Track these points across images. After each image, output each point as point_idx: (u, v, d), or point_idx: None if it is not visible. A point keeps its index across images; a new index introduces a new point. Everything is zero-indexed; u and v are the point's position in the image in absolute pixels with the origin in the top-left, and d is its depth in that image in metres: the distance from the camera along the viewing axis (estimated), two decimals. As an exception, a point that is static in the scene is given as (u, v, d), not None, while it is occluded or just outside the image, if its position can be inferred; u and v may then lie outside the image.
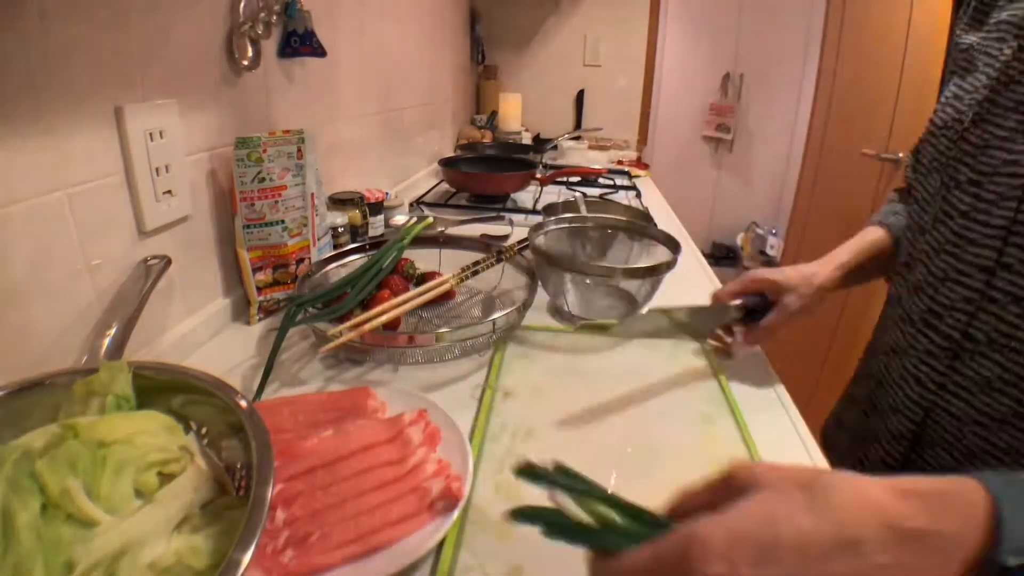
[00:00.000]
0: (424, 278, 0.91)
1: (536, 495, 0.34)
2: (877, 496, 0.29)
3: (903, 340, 0.70)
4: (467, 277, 0.86)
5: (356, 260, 0.95)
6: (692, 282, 1.10)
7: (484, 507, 0.54)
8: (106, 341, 0.59)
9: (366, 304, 0.82)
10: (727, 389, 0.72)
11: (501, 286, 0.97)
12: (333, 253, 0.94)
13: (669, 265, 0.85)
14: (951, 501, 0.29)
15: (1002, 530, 0.27)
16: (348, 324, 0.70)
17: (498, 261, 0.90)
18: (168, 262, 0.70)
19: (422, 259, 0.97)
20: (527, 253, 0.93)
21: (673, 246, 0.91)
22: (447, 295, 0.89)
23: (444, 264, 0.97)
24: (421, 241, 0.99)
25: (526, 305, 0.82)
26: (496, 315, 0.76)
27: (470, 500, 0.54)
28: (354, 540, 0.48)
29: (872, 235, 0.82)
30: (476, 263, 0.88)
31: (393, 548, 0.48)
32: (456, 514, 0.51)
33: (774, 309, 0.74)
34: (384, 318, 0.72)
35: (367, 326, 0.70)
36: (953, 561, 0.28)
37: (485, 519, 0.52)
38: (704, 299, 0.80)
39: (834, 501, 0.29)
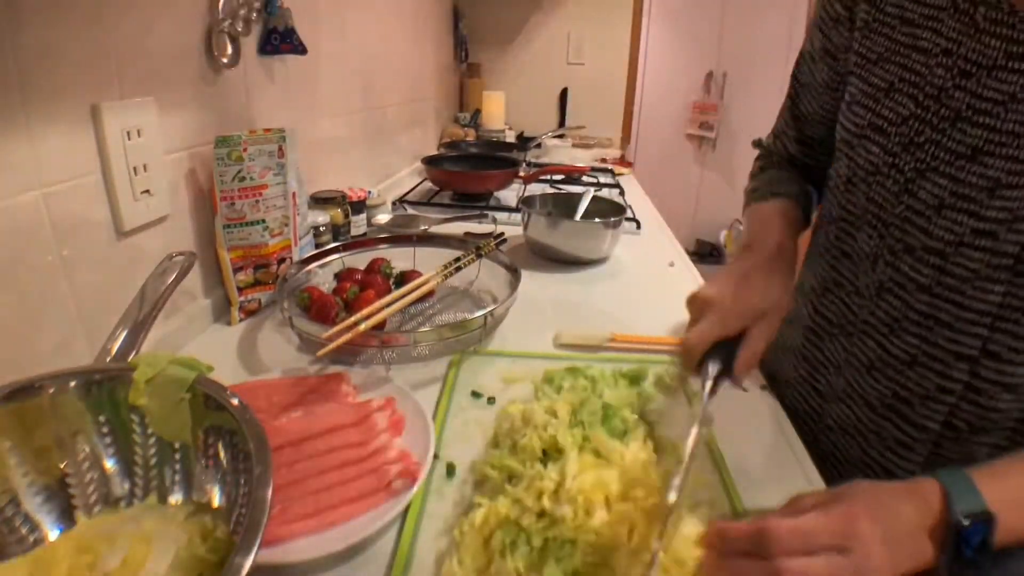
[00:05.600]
0: (404, 276, 0.92)
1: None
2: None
3: (859, 423, 0.62)
4: (451, 274, 0.86)
5: (335, 260, 0.95)
6: (675, 282, 1.11)
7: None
8: (119, 340, 0.56)
9: (350, 306, 0.82)
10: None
11: (479, 282, 0.98)
12: (314, 252, 0.93)
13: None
14: (915, 487, 0.42)
15: (951, 499, 0.40)
16: (339, 327, 0.69)
17: (478, 257, 0.91)
18: (193, 258, 0.67)
19: (396, 258, 0.97)
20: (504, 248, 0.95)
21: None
22: (427, 293, 0.89)
23: (419, 262, 0.97)
24: (396, 240, 1.01)
25: (511, 298, 0.83)
26: (488, 309, 0.77)
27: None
28: (311, 515, 0.50)
29: (792, 213, 0.68)
30: (457, 259, 0.88)
31: (348, 524, 0.50)
32: (411, 495, 0.53)
33: (750, 336, 0.53)
34: (379, 317, 0.72)
35: (363, 326, 0.69)
36: (924, 522, 0.40)
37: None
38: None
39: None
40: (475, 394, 0.70)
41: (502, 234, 0.94)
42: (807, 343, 0.72)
